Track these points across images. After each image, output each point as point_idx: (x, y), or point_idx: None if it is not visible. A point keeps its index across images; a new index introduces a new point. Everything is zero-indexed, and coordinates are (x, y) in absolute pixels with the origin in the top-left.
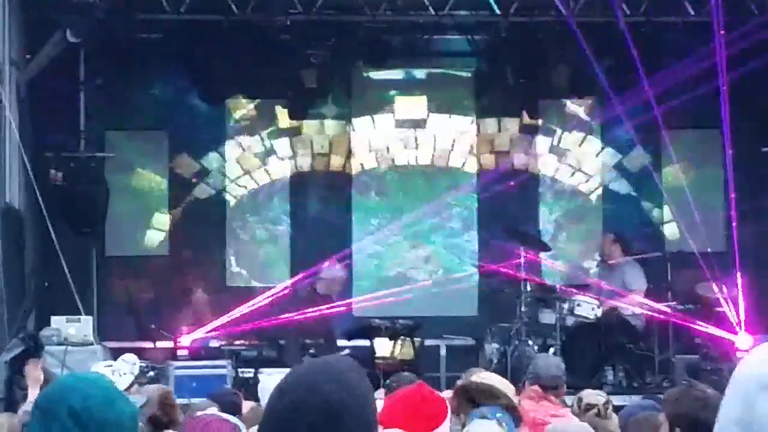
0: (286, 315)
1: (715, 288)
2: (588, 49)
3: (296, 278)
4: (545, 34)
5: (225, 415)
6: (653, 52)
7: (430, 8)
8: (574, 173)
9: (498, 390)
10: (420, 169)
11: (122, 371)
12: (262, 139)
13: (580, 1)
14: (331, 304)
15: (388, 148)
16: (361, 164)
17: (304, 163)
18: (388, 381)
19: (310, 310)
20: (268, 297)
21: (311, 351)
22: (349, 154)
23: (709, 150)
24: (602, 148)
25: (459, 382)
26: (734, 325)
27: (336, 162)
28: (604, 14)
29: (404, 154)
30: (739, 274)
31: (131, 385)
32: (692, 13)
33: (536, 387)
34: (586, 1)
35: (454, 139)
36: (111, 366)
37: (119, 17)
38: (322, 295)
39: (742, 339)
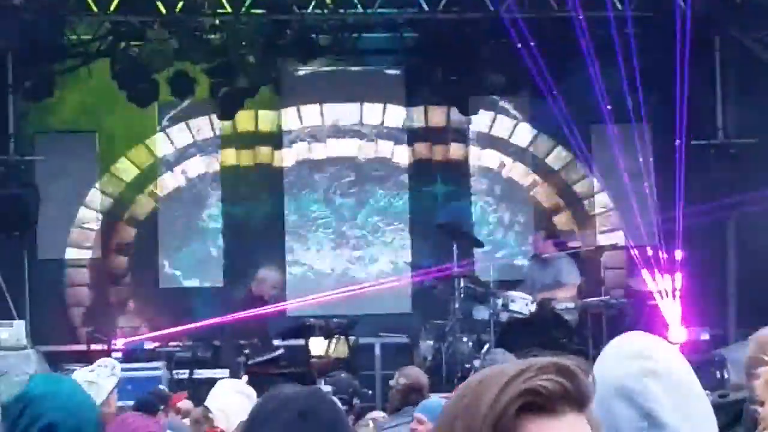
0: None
1: (647, 281)
2: (518, 46)
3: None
4: (475, 30)
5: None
6: (581, 47)
7: (359, 6)
8: (506, 169)
9: None
10: (351, 164)
11: (105, 375)
12: (192, 139)
13: None
14: (265, 306)
15: (319, 145)
16: (293, 161)
17: (235, 161)
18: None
19: (245, 311)
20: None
21: (246, 351)
22: (279, 151)
23: (639, 144)
24: (533, 145)
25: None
26: (667, 318)
27: (266, 159)
28: (534, 10)
29: (336, 150)
30: (669, 267)
31: (114, 388)
32: (620, 7)
33: None
34: None
35: (385, 135)
36: (93, 371)
37: (47, 19)
38: (256, 296)
39: (676, 332)
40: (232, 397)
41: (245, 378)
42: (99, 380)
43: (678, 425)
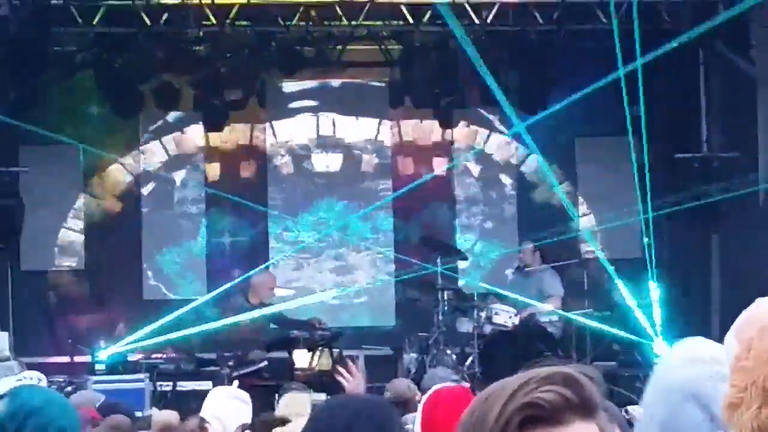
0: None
1: (631, 294)
2: (501, 58)
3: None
4: (459, 42)
5: None
6: (566, 60)
7: (344, 18)
8: (489, 181)
9: None
10: (335, 177)
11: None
12: (176, 152)
13: (493, 10)
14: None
15: (303, 158)
16: (277, 174)
17: (219, 174)
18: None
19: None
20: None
21: (229, 363)
22: (264, 165)
23: (623, 157)
24: (517, 158)
25: None
26: (650, 331)
27: (251, 172)
28: (518, 23)
29: (320, 163)
30: (654, 281)
31: None
32: (604, 20)
33: None
34: (498, 10)
35: (369, 147)
36: (21, 381)
37: (32, 30)
38: (254, 304)
39: (658, 345)
40: (228, 403)
41: (236, 383)
42: None
43: None
